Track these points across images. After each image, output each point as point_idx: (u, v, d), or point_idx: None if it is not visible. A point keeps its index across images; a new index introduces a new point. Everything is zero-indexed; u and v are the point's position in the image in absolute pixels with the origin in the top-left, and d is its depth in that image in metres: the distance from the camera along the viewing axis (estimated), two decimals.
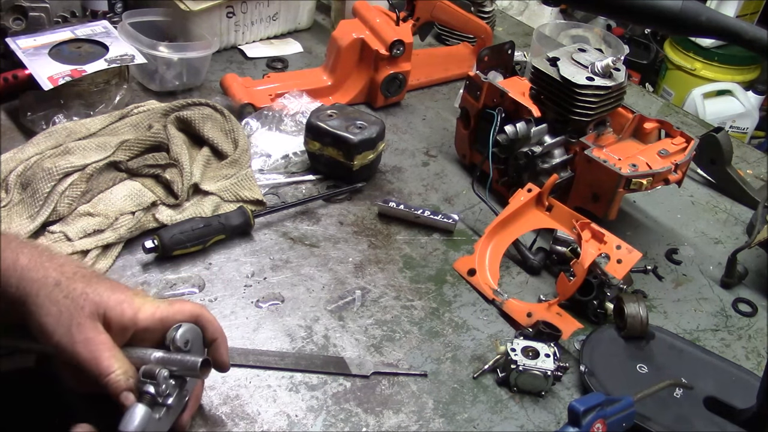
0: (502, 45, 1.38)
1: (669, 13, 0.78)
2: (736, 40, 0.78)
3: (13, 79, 1.28)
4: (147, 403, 0.72)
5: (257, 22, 1.65)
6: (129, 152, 1.17)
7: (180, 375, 0.76)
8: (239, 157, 1.23)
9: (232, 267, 1.09)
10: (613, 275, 1.03)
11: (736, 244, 1.26)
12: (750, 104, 2.92)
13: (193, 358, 0.75)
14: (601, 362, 0.97)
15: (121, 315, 0.75)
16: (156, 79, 1.43)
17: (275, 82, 1.47)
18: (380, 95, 1.48)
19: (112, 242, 1.06)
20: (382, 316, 1.04)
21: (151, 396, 0.73)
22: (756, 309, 1.15)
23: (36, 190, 1.08)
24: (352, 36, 1.45)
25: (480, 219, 1.25)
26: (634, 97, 1.71)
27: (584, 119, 1.15)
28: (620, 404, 0.82)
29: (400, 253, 1.15)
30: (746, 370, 0.99)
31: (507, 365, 0.94)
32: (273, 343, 0.98)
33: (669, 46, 3.15)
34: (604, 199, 1.13)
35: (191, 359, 0.75)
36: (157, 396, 0.73)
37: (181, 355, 0.76)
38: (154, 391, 0.73)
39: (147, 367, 0.74)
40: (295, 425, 0.87)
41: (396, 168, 1.35)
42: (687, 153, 1.16)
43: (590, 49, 1.21)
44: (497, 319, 1.06)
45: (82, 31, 1.36)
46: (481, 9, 1.73)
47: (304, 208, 1.22)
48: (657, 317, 1.10)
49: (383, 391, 0.93)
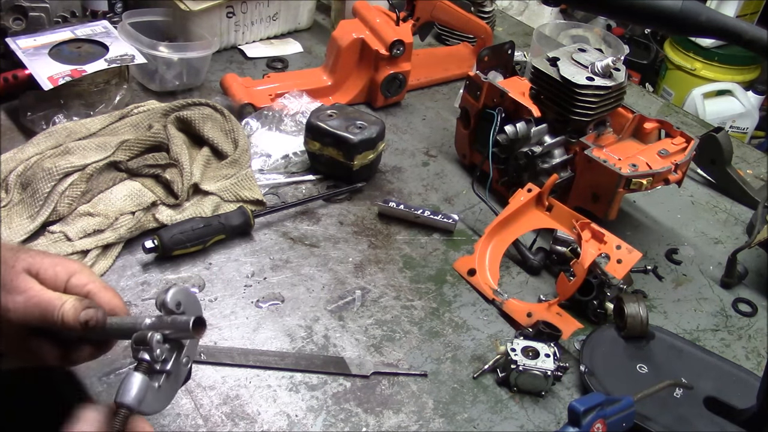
0: (502, 45, 1.38)
1: (669, 13, 0.78)
2: (736, 40, 0.78)
3: (13, 79, 1.28)
4: (143, 371, 0.68)
5: (257, 22, 1.65)
6: (129, 152, 1.17)
7: (175, 338, 0.71)
8: (239, 157, 1.23)
9: (232, 267, 1.09)
10: (613, 275, 1.03)
11: (736, 244, 1.26)
12: (750, 104, 2.92)
13: (184, 318, 0.69)
14: (601, 362, 0.97)
15: (55, 276, 0.73)
16: (156, 79, 1.43)
17: (275, 82, 1.47)
18: (380, 95, 1.48)
19: (112, 242, 1.06)
20: (382, 316, 1.04)
21: (147, 363, 0.68)
22: (756, 309, 1.15)
23: (36, 190, 1.08)
24: (352, 36, 1.45)
25: (480, 219, 1.25)
26: (634, 97, 1.71)
27: (584, 119, 1.15)
28: (620, 404, 0.82)
29: (400, 253, 1.15)
30: (746, 370, 0.99)
31: (507, 365, 0.94)
32: (273, 343, 0.98)
33: (669, 46, 3.15)
34: (604, 199, 1.13)
35: (182, 319, 0.69)
36: (153, 362, 0.68)
37: (172, 318, 0.70)
38: (149, 358, 0.68)
39: (138, 334, 0.69)
40: (295, 425, 0.87)
41: (396, 168, 1.35)
42: (687, 153, 1.16)
43: (590, 49, 1.21)
44: (497, 319, 1.06)
45: (82, 31, 1.36)
46: (481, 9, 1.73)
47: (304, 208, 1.22)
48: (657, 317, 1.10)
49: (383, 391, 0.93)
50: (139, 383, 0.66)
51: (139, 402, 0.66)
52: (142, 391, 0.66)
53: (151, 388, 0.68)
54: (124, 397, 0.65)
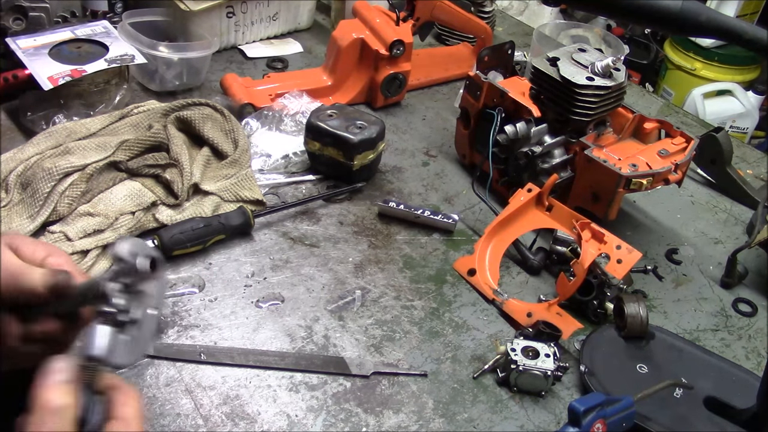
0: (502, 45, 1.38)
1: (669, 13, 0.78)
2: (736, 40, 0.78)
3: (13, 79, 1.28)
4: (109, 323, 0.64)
5: (257, 22, 1.65)
6: (129, 152, 1.17)
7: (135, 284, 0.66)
8: (239, 157, 1.23)
9: (232, 267, 1.09)
10: (613, 275, 1.03)
11: (736, 244, 1.26)
12: (750, 104, 2.92)
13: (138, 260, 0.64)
14: (601, 362, 0.97)
15: (33, 253, 0.73)
16: (156, 79, 1.43)
17: (275, 82, 1.47)
18: (380, 95, 1.48)
19: (112, 242, 1.06)
20: (382, 316, 1.04)
21: (109, 314, 0.64)
22: (756, 309, 1.15)
23: (36, 190, 1.08)
24: (352, 36, 1.45)
25: (480, 219, 1.25)
26: (634, 97, 1.71)
27: (584, 119, 1.15)
28: (620, 404, 0.82)
29: (400, 253, 1.15)
30: (746, 370, 0.99)
31: (507, 365, 0.94)
32: (273, 343, 0.98)
33: (669, 46, 3.15)
34: (604, 199, 1.13)
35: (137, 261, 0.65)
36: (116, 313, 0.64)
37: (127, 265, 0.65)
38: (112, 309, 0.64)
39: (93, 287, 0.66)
40: (295, 425, 0.87)
41: (396, 168, 1.35)
42: (687, 153, 1.16)
43: (590, 49, 1.21)
44: (497, 319, 1.06)
45: (82, 31, 1.36)
46: (481, 9, 1.73)
47: (304, 208, 1.22)
48: (657, 317, 1.10)
49: (383, 391, 0.93)
50: (105, 333, 0.63)
51: (109, 352, 0.63)
52: (111, 341, 0.63)
53: (119, 339, 0.64)
54: (92, 350, 0.62)
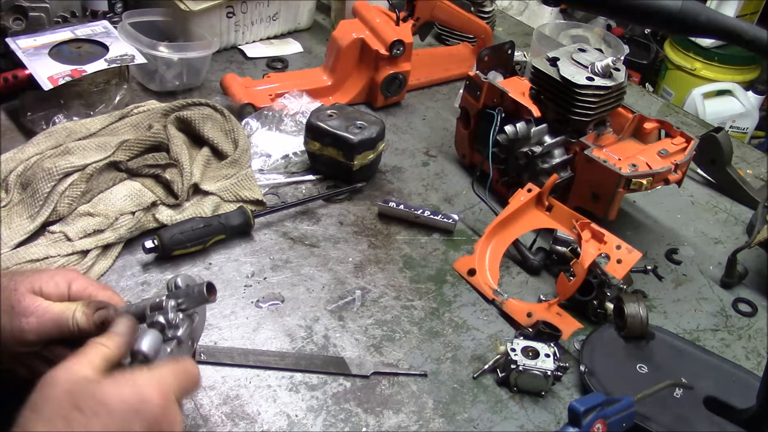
0: (502, 45, 1.38)
1: (669, 13, 0.78)
2: (736, 40, 0.78)
3: (13, 79, 1.28)
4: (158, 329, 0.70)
5: (257, 22, 1.65)
6: (129, 152, 1.17)
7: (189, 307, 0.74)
8: (239, 157, 1.23)
9: (232, 267, 1.09)
10: (613, 275, 1.03)
11: (736, 244, 1.26)
12: (750, 104, 2.92)
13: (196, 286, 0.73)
14: (601, 362, 0.97)
15: (56, 286, 0.75)
16: (156, 79, 1.43)
17: (275, 82, 1.47)
18: (380, 95, 1.48)
19: (112, 242, 1.06)
20: (382, 316, 1.04)
21: (161, 325, 0.71)
22: (756, 309, 1.15)
23: (36, 190, 1.08)
24: (352, 36, 1.45)
25: (480, 219, 1.25)
26: (634, 97, 1.71)
27: (584, 119, 1.15)
28: (620, 404, 0.82)
29: (400, 253, 1.15)
30: (746, 370, 0.99)
31: (507, 365, 0.94)
32: (273, 343, 0.98)
33: (669, 46, 3.15)
34: (604, 199, 1.13)
35: (196, 286, 0.73)
36: (167, 325, 0.71)
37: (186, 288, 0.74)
38: (164, 320, 0.71)
39: (154, 301, 0.72)
40: (295, 425, 0.87)
41: (396, 168, 1.35)
42: (687, 153, 1.16)
43: (590, 49, 1.21)
44: (497, 319, 1.06)
45: (82, 31, 1.36)
46: (481, 9, 1.73)
47: (304, 208, 1.22)
48: (657, 317, 1.10)
49: (383, 391, 0.93)
50: (156, 337, 0.68)
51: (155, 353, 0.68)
52: (155, 344, 0.68)
53: (163, 349, 0.69)
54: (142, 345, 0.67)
